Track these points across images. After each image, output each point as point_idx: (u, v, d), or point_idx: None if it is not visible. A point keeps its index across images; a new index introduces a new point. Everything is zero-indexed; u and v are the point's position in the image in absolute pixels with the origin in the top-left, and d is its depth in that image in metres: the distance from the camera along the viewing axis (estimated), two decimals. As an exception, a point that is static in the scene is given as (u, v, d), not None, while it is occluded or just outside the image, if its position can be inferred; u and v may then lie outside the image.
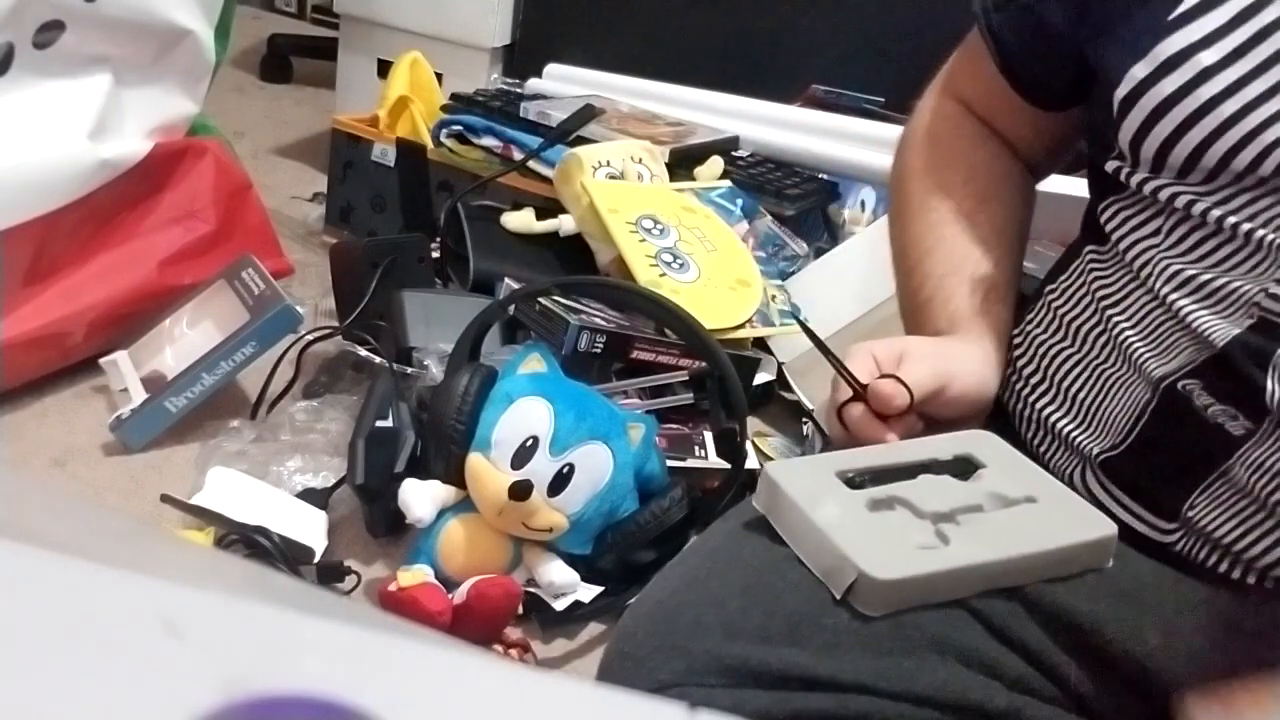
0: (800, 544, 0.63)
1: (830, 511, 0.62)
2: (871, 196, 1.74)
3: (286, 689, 0.19)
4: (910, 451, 0.69)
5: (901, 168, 0.85)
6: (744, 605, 0.61)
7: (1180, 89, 0.64)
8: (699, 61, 2.04)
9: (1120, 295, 0.70)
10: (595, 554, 1.10)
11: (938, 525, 0.63)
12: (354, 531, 1.19)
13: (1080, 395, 0.71)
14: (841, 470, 0.66)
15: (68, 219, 1.28)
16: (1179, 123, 0.64)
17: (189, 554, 0.44)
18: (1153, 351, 0.66)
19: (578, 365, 1.24)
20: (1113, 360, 0.69)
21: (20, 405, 1.29)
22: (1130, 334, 0.68)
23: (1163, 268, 0.66)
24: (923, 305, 0.79)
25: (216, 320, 1.33)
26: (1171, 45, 0.65)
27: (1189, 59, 0.64)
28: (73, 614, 0.20)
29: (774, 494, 0.65)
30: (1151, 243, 0.68)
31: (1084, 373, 0.71)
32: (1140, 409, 0.66)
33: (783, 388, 1.55)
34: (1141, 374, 0.67)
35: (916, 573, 0.60)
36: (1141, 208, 0.69)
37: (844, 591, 0.60)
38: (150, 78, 1.36)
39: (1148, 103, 0.66)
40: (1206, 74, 0.63)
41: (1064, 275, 0.75)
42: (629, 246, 1.41)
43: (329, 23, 2.93)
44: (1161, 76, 0.65)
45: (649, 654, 0.60)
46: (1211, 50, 0.64)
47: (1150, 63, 0.65)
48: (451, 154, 1.72)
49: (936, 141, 0.83)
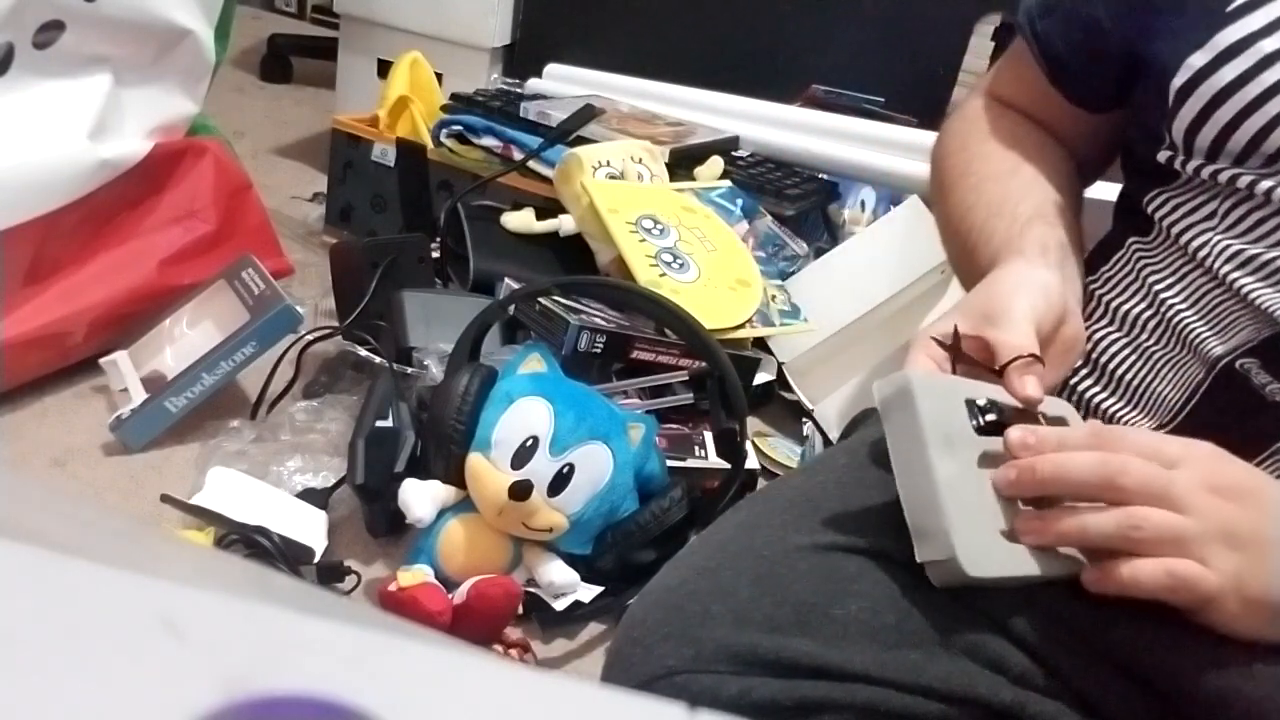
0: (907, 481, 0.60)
1: (950, 464, 0.59)
2: (871, 196, 1.74)
3: (286, 689, 0.19)
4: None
5: (940, 151, 0.85)
6: (753, 595, 0.62)
7: (1241, 76, 0.65)
8: (699, 61, 2.04)
9: (1174, 279, 0.70)
10: (595, 554, 1.10)
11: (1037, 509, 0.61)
12: (354, 531, 1.19)
13: (1128, 378, 0.71)
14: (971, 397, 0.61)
15: (68, 219, 1.28)
16: (1240, 108, 0.65)
17: (189, 554, 0.44)
18: (1211, 330, 0.67)
19: (578, 365, 1.24)
20: (1165, 342, 0.70)
21: (20, 405, 1.29)
22: (1186, 314, 0.68)
23: (1221, 248, 0.67)
24: (971, 255, 0.74)
25: (216, 320, 1.33)
26: (1231, 34, 0.66)
27: (1250, 46, 0.65)
28: (73, 614, 0.20)
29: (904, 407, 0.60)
30: (1207, 225, 0.69)
31: (1131, 355, 0.72)
32: (1194, 388, 0.67)
33: (783, 388, 1.56)
34: (1196, 354, 0.67)
35: (1003, 574, 0.60)
36: (1194, 194, 0.70)
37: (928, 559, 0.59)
38: (150, 78, 1.36)
39: (1207, 90, 0.66)
40: (1268, 60, 0.64)
41: (1106, 266, 0.76)
42: (629, 246, 1.41)
43: (329, 23, 2.94)
44: (1221, 64, 0.66)
45: (657, 641, 0.61)
46: (1273, 38, 0.65)
47: (1209, 51, 0.66)
48: (451, 154, 1.72)
49: (976, 123, 0.83)
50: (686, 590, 0.63)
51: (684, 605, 0.62)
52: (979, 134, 0.82)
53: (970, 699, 0.61)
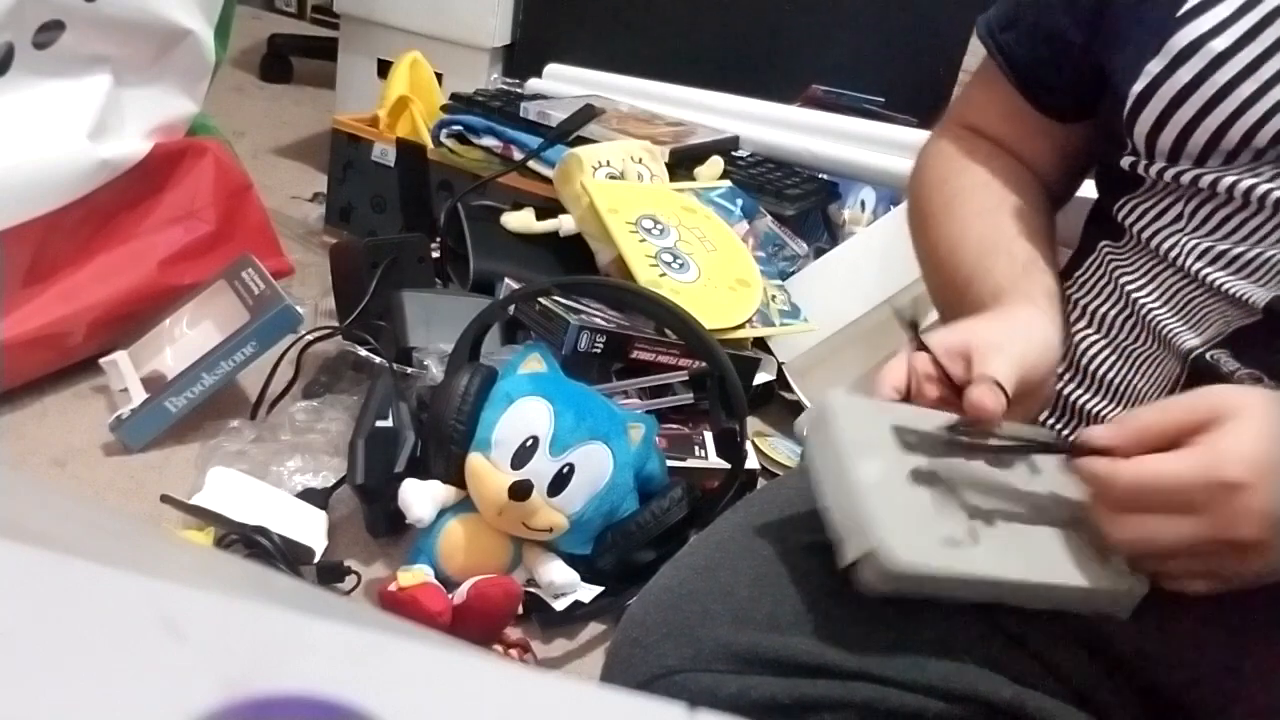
0: (828, 491, 0.58)
1: (870, 470, 0.58)
2: (871, 196, 1.74)
3: (286, 689, 0.19)
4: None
5: (917, 183, 0.85)
6: (753, 594, 0.62)
7: (1196, 77, 0.66)
8: (699, 61, 2.04)
9: (1146, 279, 0.71)
10: (595, 554, 1.10)
11: (973, 521, 0.59)
12: (354, 531, 1.19)
13: (1109, 377, 0.72)
14: (900, 425, 0.60)
15: (68, 219, 1.28)
16: (1198, 109, 0.66)
17: (189, 554, 0.44)
18: (1184, 325, 0.68)
19: (578, 365, 1.24)
20: (1141, 340, 0.71)
21: (20, 405, 1.29)
22: (1159, 312, 0.69)
23: (1191, 248, 0.68)
24: (962, 288, 0.75)
25: (216, 320, 1.33)
26: (1183, 38, 0.67)
27: (1201, 48, 0.66)
28: (73, 614, 0.20)
29: (823, 426, 0.60)
30: (1176, 228, 0.70)
31: (1111, 355, 0.72)
32: (1171, 382, 0.68)
33: (783, 388, 1.55)
34: (1171, 349, 0.68)
35: (931, 569, 0.57)
36: (1160, 198, 0.71)
37: (852, 560, 0.56)
38: (150, 78, 1.36)
39: (1165, 93, 0.67)
40: (1220, 60, 0.65)
41: (1080, 271, 0.77)
42: (629, 246, 1.41)
43: (329, 23, 2.94)
44: (1176, 67, 0.67)
45: (657, 640, 0.61)
46: (1222, 38, 0.65)
47: (1164, 56, 0.67)
48: (451, 154, 1.72)
49: (953, 158, 0.84)
50: (686, 590, 0.63)
51: (683, 605, 0.62)
52: (956, 168, 0.83)
53: (970, 698, 0.61)
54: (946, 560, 0.57)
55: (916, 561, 0.56)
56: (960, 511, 0.59)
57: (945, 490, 0.59)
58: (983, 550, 0.58)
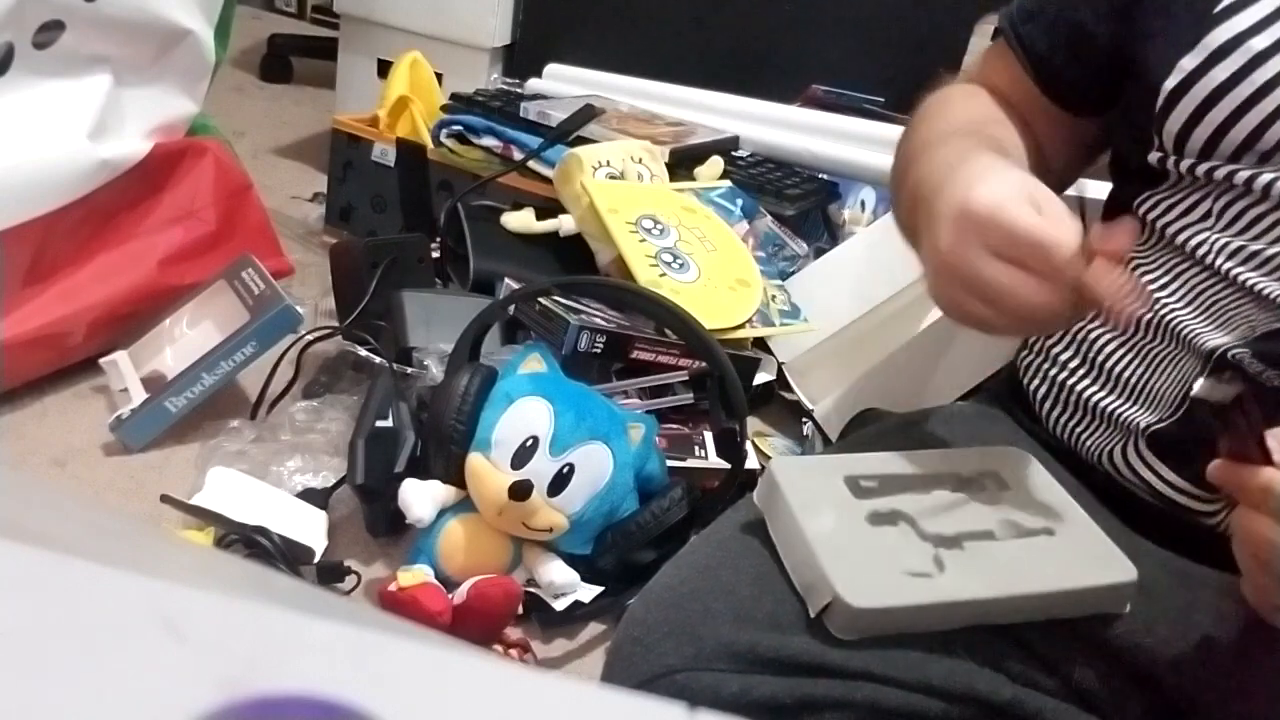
0: (787, 553, 0.61)
1: (823, 523, 0.60)
2: (871, 196, 1.74)
3: (286, 689, 0.19)
4: (932, 462, 0.65)
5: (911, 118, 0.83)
6: (755, 594, 0.62)
7: (1233, 75, 0.65)
8: (699, 61, 2.04)
9: (1169, 278, 0.70)
10: (595, 554, 1.10)
11: (938, 550, 0.60)
12: (354, 531, 1.19)
13: (1125, 374, 0.71)
14: (852, 475, 0.62)
15: (68, 219, 1.28)
16: (1234, 108, 0.65)
17: (189, 554, 0.44)
18: (1207, 324, 0.67)
19: (578, 365, 1.24)
20: (1160, 339, 0.70)
21: (20, 405, 1.29)
22: (1181, 312, 0.68)
23: (1220, 245, 0.67)
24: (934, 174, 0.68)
25: (216, 320, 1.33)
26: (1221, 35, 0.66)
27: (1240, 46, 0.65)
28: (73, 614, 0.20)
29: (772, 494, 0.63)
30: (1203, 225, 0.69)
31: (1129, 353, 0.71)
32: (1190, 380, 0.67)
33: (783, 388, 1.55)
34: (1190, 349, 0.67)
35: (895, 603, 0.58)
36: (1186, 194, 0.70)
37: (818, 611, 0.59)
38: (150, 78, 1.36)
39: (1199, 91, 0.66)
40: (1260, 58, 0.64)
41: None
42: (629, 246, 1.41)
43: (329, 23, 2.94)
44: (1213, 65, 0.66)
45: (659, 639, 0.61)
46: (1262, 36, 0.64)
47: (1200, 53, 0.66)
48: (451, 154, 1.72)
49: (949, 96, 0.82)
50: (687, 589, 0.63)
51: (684, 604, 0.62)
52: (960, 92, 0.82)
53: (970, 697, 0.61)
54: (909, 593, 0.58)
55: (875, 601, 0.57)
56: (924, 543, 0.60)
57: (907, 525, 0.61)
58: (950, 576, 0.59)
